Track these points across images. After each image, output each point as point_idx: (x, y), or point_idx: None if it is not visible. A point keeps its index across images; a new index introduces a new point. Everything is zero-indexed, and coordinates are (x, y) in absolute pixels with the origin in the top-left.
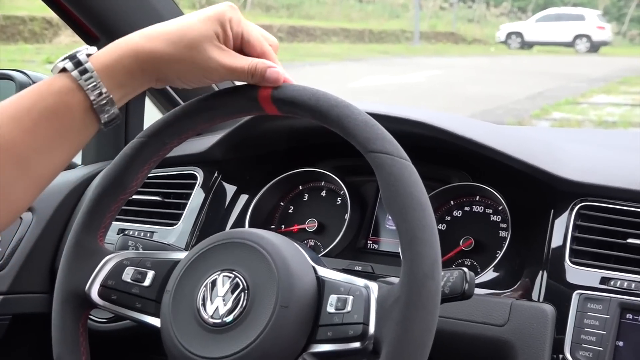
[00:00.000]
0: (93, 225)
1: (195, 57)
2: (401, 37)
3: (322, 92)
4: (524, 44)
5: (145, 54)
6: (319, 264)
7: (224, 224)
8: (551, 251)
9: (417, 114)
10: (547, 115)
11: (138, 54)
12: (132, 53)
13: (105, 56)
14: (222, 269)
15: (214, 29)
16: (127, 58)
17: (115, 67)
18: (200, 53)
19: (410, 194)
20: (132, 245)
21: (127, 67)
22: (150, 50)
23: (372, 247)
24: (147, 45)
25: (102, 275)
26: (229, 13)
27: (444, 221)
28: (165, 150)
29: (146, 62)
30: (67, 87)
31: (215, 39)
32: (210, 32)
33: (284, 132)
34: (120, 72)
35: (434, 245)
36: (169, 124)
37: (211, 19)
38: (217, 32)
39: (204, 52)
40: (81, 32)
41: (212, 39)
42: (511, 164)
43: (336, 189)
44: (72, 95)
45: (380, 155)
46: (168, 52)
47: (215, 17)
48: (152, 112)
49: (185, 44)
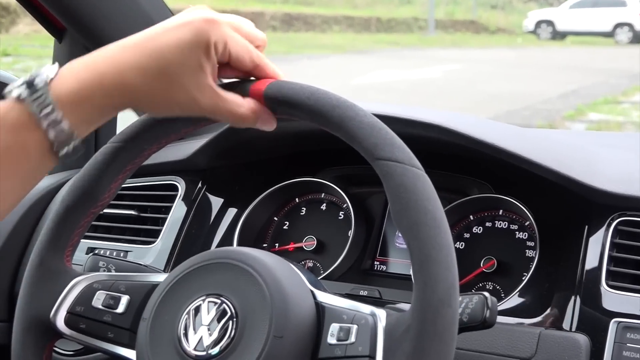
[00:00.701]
0: (59, 243)
1: (176, 96)
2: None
3: (323, 91)
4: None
5: (115, 86)
6: (319, 288)
7: (208, 242)
8: (585, 273)
9: (431, 115)
10: (582, 117)
11: (106, 85)
12: (100, 84)
13: (69, 85)
14: (207, 293)
15: (197, 60)
16: (95, 89)
17: (81, 100)
18: (183, 91)
19: (423, 208)
20: (103, 267)
21: (95, 101)
22: (121, 82)
23: (379, 268)
24: (117, 77)
25: (69, 300)
26: (214, 34)
27: (462, 239)
28: (142, 157)
29: (118, 95)
30: (22, 122)
31: (201, 71)
32: (193, 64)
33: (279, 136)
34: (87, 105)
35: (451, 267)
36: (146, 127)
37: (194, 47)
38: (202, 63)
39: (188, 91)
40: (45, 21)
41: (196, 72)
42: (540, 174)
43: (338, 202)
44: (28, 132)
45: (389, 164)
46: (143, 88)
47: (199, 44)
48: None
49: (164, 80)
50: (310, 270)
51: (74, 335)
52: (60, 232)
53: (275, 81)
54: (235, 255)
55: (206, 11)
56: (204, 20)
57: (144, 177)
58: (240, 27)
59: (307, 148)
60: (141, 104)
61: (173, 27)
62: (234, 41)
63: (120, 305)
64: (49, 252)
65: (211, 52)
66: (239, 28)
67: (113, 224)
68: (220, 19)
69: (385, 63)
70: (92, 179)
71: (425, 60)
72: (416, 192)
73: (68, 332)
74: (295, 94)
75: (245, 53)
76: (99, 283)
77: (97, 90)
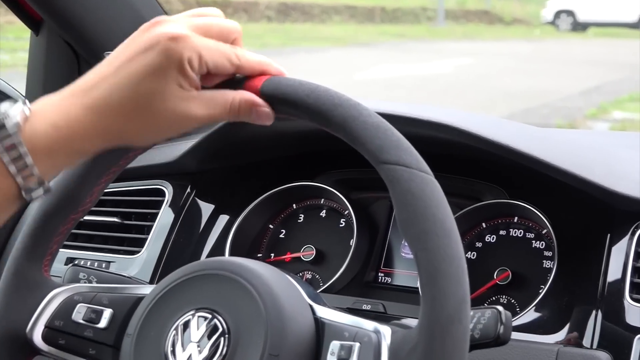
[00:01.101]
0: (37, 252)
1: (164, 123)
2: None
3: (323, 88)
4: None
5: (95, 129)
6: (318, 302)
7: (198, 251)
8: (607, 286)
9: (440, 114)
10: (605, 115)
11: (84, 130)
12: (77, 129)
13: (44, 130)
14: (196, 307)
15: (175, 82)
16: (73, 135)
17: (57, 147)
18: (170, 115)
19: (432, 215)
20: (84, 278)
21: (73, 147)
22: (99, 124)
23: (383, 280)
24: (95, 119)
25: (47, 313)
26: (184, 51)
27: (474, 248)
28: (126, 159)
29: (98, 138)
30: None
31: (182, 90)
32: (172, 88)
33: (275, 137)
34: (62, 152)
35: (462, 280)
36: None
37: (167, 71)
38: (181, 83)
39: (174, 113)
40: (20, 11)
41: (177, 93)
42: (558, 178)
43: (339, 209)
44: None
45: (395, 168)
46: (127, 126)
47: (172, 66)
48: None
49: (146, 112)
50: (309, 283)
51: (52, 351)
52: (37, 240)
53: (272, 77)
54: (227, 266)
55: (168, 25)
56: (169, 38)
57: (129, 181)
58: (209, 28)
59: (306, 150)
60: (128, 140)
61: (139, 52)
62: (207, 50)
63: (103, 320)
64: (25, 262)
65: (186, 70)
66: (208, 30)
67: (94, 232)
68: (186, 31)
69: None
70: (72, 182)
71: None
72: (424, 198)
73: (46, 348)
74: (293, 92)
75: (223, 58)
76: (79, 295)
77: (75, 135)
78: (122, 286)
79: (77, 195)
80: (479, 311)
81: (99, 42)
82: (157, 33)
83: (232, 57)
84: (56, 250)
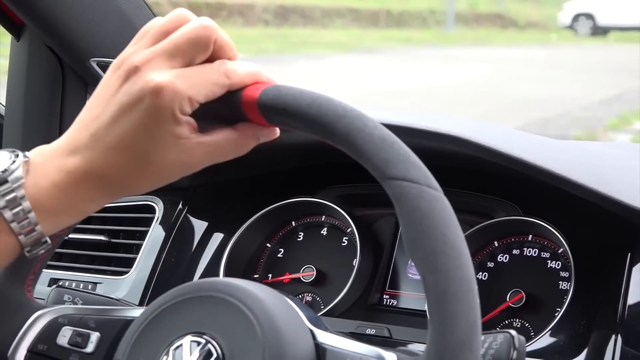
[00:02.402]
0: (19, 272)
1: (168, 172)
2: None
3: (326, 97)
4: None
5: (97, 190)
6: (319, 327)
7: (191, 272)
8: (627, 309)
9: (450, 125)
10: (627, 126)
11: (87, 191)
12: (80, 190)
13: (46, 188)
14: (189, 331)
15: (170, 133)
16: (75, 195)
17: (56, 206)
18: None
19: (441, 235)
20: (68, 301)
21: (72, 208)
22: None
23: (389, 303)
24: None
25: (30, 336)
26: (172, 102)
27: (485, 269)
28: None
29: (102, 197)
30: None
31: (179, 139)
32: (169, 140)
33: (273, 149)
34: (64, 213)
35: (472, 304)
36: None
37: (159, 126)
38: (175, 132)
39: (176, 162)
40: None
41: (175, 142)
42: (576, 193)
43: (341, 226)
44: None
45: (402, 184)
46: (131, 183)
47: (163, 121)
48: None
49: (147, 168)
50: (309, 306)
51: None
52: (20, 259)
53: (271, 86)
54: (221, 287)
55: (145, 74)
56: (153, 93)
57: None
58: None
59: (306, 163)
60: (134, 193)
61: (125, 110)
62: (195, 88)
63: (90, 344)
64: (7, 282)
65: (179, 119)
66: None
67: (80, 251)
68: (166, 77)
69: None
70: None
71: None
72: (433, 216)
73: None
74: (294, 101)
75: (212, 86)
76: (64, 317)
77: (77, 198)
78: (110, 308)
79: None
80: (491, 336)
81: (84, 48)
82: (137, 88)
83: (221, 80)
84: (39, 270)
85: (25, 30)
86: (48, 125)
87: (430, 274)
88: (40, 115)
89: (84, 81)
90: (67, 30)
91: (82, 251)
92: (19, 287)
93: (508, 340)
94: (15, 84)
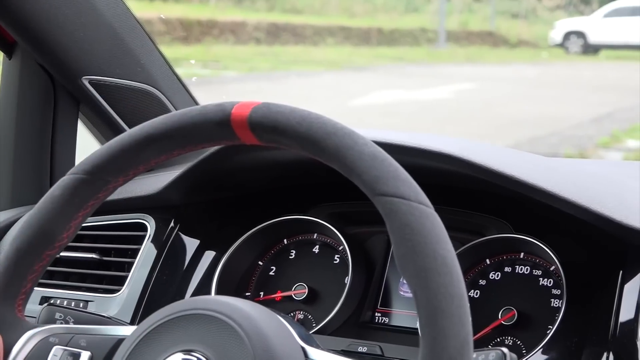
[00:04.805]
0: (10, 290)
1: None
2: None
3: (315, 115)
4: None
5: None
6: (311, 344)
7: (182, 290)
8: (619, 326)
9: (441, 143)
10: (618, 144)
11: None
12: None
13: None
14: (181, 349)
15: None
16: None
17: None
18: None
19: (432, 252)
20: (60, 319)
21: None
22: None
23: (380, 321)
24: None
25: (21, 357)
26: None
27: (477, 286)
28: (106, 192)
29: None
30: None
31: None
32: None
33: (264, 167)
34: None
35: (464, 320)
36: (111, 156)
37: None
38: None
39: None
40: None
41: None
42: (567, 211)
43: (333, 244)
44: None
45: (392, 200)
46: None
47: None
48: (88, 141)
49: None
50: (301, 323)
51: None
52: (10, 278)
53: (261, 104)
54: (213, 305)
55: None
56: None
57: (108, 215)
58: None
59: (297, 181)
60: None
61: None
62: None
63: None
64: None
65: None
66: None
67: (71, 269)
68: None
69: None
70: (48, 216)
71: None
72: (424, 233)
73: None
74: (284, 119)
75: None
76: (55, 337)
77: None
78: (102, 327)
79: (52, 231)
80: (483, 353)
81: (76, 66)
82: None
83: None
84: (30, 288)
85: (17, 48)
86: (40, 143)
87: (422, 291)
88: (31, 133)
89: (76, 99)
90: (59, 48)
91: (73, 269)
92: (10, 307)
93: (500, 357)
94: (6, 101)
